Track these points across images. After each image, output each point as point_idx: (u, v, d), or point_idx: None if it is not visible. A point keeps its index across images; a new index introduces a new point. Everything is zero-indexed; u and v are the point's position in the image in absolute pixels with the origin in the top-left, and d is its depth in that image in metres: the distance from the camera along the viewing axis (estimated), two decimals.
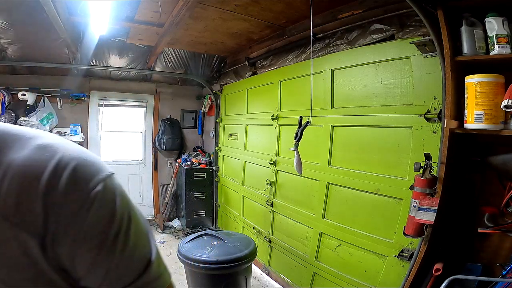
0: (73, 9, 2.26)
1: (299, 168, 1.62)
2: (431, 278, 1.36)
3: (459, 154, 1.40)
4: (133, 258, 0.45)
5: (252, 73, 3.15)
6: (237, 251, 2.12)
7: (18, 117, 3.42)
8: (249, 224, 3.17)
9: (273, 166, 2.75)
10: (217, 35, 2.87)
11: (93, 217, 0.42)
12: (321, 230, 2.22)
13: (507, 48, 1.20)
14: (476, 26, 1.28)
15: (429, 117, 1.55)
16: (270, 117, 2.77)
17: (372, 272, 1.86)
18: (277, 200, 2.73)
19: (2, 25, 2.49)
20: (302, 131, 1.65)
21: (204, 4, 2.15)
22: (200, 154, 4.32)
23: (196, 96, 4.53)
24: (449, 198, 1.38)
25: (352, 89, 2.04)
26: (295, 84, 2.56)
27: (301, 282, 2.41)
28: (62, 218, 0.41)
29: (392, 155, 1.77)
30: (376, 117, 1.86)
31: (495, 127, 1.20)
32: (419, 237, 1.41)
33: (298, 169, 1.61)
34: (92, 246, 0.42)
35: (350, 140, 2.05)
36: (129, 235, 0.44)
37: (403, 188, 1.66)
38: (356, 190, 1.97)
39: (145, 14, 2.37)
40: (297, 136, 1.64)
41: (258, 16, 2.36)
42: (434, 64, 1.53)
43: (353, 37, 1.99)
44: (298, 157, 1.63)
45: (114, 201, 0.44)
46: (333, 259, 2.14)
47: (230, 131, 3.69)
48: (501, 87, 1.20)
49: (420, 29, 1.60)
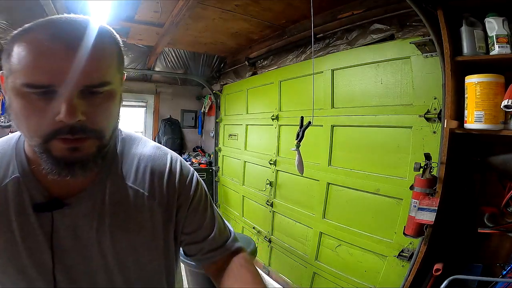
0: (73, 9, 2.26)
1: (301, 168, 1.63)
2: (431, 278, 1.36)
3: (459, 154, 1.40)
4: (215, 216, 0.73)
5: (252, 73, 3.15)
6: None
7: None
8: (249, 224, 3.17)
9: (273, 166, 2.75)
10: (217, 35, 2.87)
11: (198, 194, 0.68)
12: (321, 230, 2.22)
13: (507, 48, 1.20)
14: (476, 26, 1.28)
15: (429, 117, 1.55)
16: (270, 117, 2.77)
17: (372, 272, 1.86)
18: (277, 200, 2.73)
19: (2, 25, 2.49)
20: (303, 131, 1.65)
21: (204, 4, 2.15)
22: (200, 154, 4.32)
23: (196, 96, 4.53)
24: (449, 198, 1.38)
25: (352, 89, 2.04)
26: (295, 84, 2.56)
27: (301, 282, 2.41)
28: (182, 196, 0.65)
29: (392, 155, 1.77)
30: (376, 117, 1.86)
31: (495, 127, 1.20)
32: (419, 237, 1.41)
33: (299, 169, 1.62)
34: (200, 212, 0.68)
35: (350, 140, 2.05)
36: (212, 204, 0.73)
37: (403, 188, 1.66)
38: (356, 190, 1.96)
39: (145, 14, 2.37)
40: (298, 136, 1.64)
41: (258, 16, 2.36)
42: (434, 64, 1.53)
43: (353, 37, 1.99)
44: (300, 157, 1.64)
45: (203, 185, 0.72)
46: (333, 259, 2.14)
47: (230, 131, 3.69)
48: (501, 87, 1.20)
49: (420, 29, 1.60)
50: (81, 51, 0.45)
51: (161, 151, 0.67)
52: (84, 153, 0.49)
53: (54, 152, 0.48)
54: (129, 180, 0.60)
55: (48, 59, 0.44)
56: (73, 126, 0.46)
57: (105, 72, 0.48)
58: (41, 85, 0.44)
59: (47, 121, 0.46)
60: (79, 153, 0.49)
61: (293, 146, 1.69)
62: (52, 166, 0.48)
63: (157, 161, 0.64)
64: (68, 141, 0.47)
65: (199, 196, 0.68)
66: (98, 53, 0.47)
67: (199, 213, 0.68)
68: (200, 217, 0.68)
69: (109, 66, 0.50)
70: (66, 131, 0.46)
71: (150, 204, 0.60)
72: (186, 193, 0.65)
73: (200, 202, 0.68)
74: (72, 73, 0.44)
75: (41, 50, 0.44)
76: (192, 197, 0.66)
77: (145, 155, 0.64)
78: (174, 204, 0.64)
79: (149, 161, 0.64)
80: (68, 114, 0.45)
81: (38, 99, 0.45)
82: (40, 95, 0.45)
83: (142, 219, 0.60)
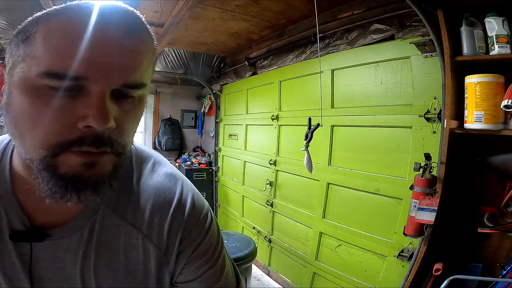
0: None
1: (310, 167, 1.68)
2: (431, 278, 1.36)
3: (459, 154, 1.40)
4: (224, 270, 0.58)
5: (252, 73, 3.15)
6: (237, 251, 2.12)
7: None
8: (249, 224, 3.17)
9: (273, 166, 2.75)
10: (217, 35, 2.87)
11: (207, 240, 0.55)
12: (321, 230, 2.22)
13: (507, 48, 1.20)
14: (476, 26, 1.28)
15: (429, 117, 1.55)
16: (270, 117, 2.77)
17: (372, 272, 1.86)
18: (277, 200, 2.73)
19: (2, 25, 2.49)
20: (312, 132, 1.69)
21: (204, 4, 2.15)
22: (200, 154, 4.32)
23: (196, 96, 4.53)
24: (449, 198, 1.38)
25: (352, 89, 2.04)
26: (295, 84, 2.56)
27: (301, 282, 2.41)
28: (186, 240, 0.53)
29: (392, 155, 1.77)
30: (376, 117, 1.86)
31: (495, 127, 1.20)
32: (419, 237, 1.41)
33: (308, 168, 1.69)
34: (204, 261, 0.55)
35: (350, 140, 2.05)
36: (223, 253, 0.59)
37: (403, 188, 1.66)
38: (356, 190, 1.97)
39: (145, 14, 2.34)
40: (307, 137, 1.70)
41: (258, 16, 2.36)
42: (434, 64, 1.53)
43: (353, 37, 1.99)
44: (309, 157, 1.68)
45: (218, 229, 0.59)
46: (333, 259, 2.14)
47: (230, 131, 3.69)
48: (501, 87, 1.20)
49: (420, 29, 1.60)
50: (126, 42, 0.36)
51: (170, 181, 0.55)
52: (100, 171, 0.39)
53: (62, 168, 0.37)
54: (124, 214, 0.50)
55: (84, 45, 0.34)
56: (99, 135, 0.37)
57: (143, 72, 0.39)
58: (69, 76, 0.34)
59: (65, 126, 0.36)
60: (95, 170, 0.39)
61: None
62: (55, 188, 0.38)
63: (162, 195, 0.53)
64: (87, 155, 0.37)
65: (208, 242, 0.55)
66: (143, 47, 0.39)
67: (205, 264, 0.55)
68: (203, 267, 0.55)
69: (148, 66, 0.40)
70: (90, 141, 0.36)
71: (144, 246, 0.51)
72: (193, 237, 0.54)
73: (209, 250, 0.55)
74: (112, 67, 0.36)
75: (78, 34, 0.34)
76: (199, 243, 0.54)
77: (150, 185, 0.53)
78: (175, 249, 0.53)
79: (153, 194, 0.52)
80: (101, 118, 0.35)
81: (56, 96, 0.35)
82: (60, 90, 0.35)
83: (133, 262, 0.50)
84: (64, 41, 0.34)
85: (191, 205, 0.54)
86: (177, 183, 0.55)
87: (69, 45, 0.34)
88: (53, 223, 0.46)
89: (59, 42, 0.34)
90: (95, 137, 0.37)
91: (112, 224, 0.49)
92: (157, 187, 0.53)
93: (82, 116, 0.36)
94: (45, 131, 0.36)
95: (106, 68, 0.35)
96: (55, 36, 0.35)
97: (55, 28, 0.35)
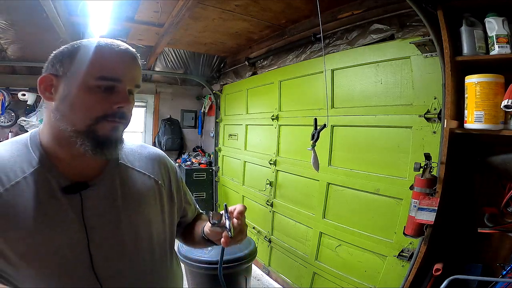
0: (73, 9, 2.26)
1: (316, 166, 1.71)
2: (431, 278, 1.36)
3: (459, 154, 1.40)
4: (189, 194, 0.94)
5: (252, 73, 3.15)
6: (237, 251, 2.12)
7: (18, 117, 3.42)
8: (249, 224, 3.17)
9: (273, 166, 2.75)
10: (217, 35, 2.87)
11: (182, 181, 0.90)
12: (321, 230, 2.22)
13: (507, 48, 1.20)
14: (476, 26, 1.28)
15: (429, 117, 1.55)
16: (270, 117, 2.77)
17: (372, 272, 1.86)
18: (277, 200, 2.73)
19: (2, 25, 2.49)
20: (319, 132, 1.71)
21: (204, 4, 2.15)
22: (200, 154, 4.31)
23: (196, 96, 4.52)
24: (449, 198, 1.38)
25: (352, 89, 2.04)
26: (295, 84, 2.56)
27: (301, 282, 2.41)
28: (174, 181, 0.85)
29: (392, 155, 1.77)
30: (376, 117, 1.86)
31: (495, 127, 1.20)
32: (419, 237, 1.41)
33: (315, 167, 1.72)
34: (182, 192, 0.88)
35: (350, 140, 2.05)
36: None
37: (403, 188, 1.66)
38: (356, 190, 1.97)
39: (145, 14, 2.37)
40: (313, 137, 1.73)
41: (258, 16, 2.36)
42: (434, 64, 1.53)
43: (353, 37, 1.99)
44: (315, 156, 1.69)
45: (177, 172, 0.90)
46: (333, 259, 2.14)
47: (230, 131, 3.69)
48: (501, 87, 1.20)
49: (420, 29, 1.60)
50: (135, 62, 0.67)
51: (150, 147, 0.86)
52: (118, 134, 0.66)
53: (100, 131, 0.62)
54: (134, 166, 0.76)
55: (119, 63, 0.64)
56: (122, 112, 0.64)
57: (140, 79, 0.69)
58: (112, 78, 0.62)
59: (105, 107, 0.62)
60: (117, 133, 0.65)
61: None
62: (93, 146, 0.62)
63: (153, 153, 0.84)
64: (115, 123, 0.64)
65: (181, 181, 0.90)
66: (140, 65, 0.69)
67: (187, 194, 0.91)
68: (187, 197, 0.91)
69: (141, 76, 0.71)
70: (118, 115, 0.64)
71: (156, 184, 0.77)
72: (178, 179, 0.87)
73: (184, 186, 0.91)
74: (132, 75, 0.66)
75: (116, 57, 0.64)
76: (180, 182, 0.88)
77: (152, 151, 0.84)
78: (173, 186, 0.83)
79: (146, 152, 0.82)
80: (127, 101, 0.64)
81: (101, 91, 0.62)
82: (104, 88, 0.62)
83: (151, 198, 0.75)
84: (108, 60, 0.63)
85: (169, 160, 0.88)
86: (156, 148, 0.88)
87: (112, 62, 0.64)
88: (88, 179, 0.66)
89: (106, 60, 0.63)
90: (121, 113, 0.64)
91: (130, 173, 0.74)
92: (146, 149, 0.84)
93: (116, 101, 0.63)
94: (94, 110, 0.62)
95: (127, 76, 0.65)
96: (102, 57, 0.63)
97: (100, 53, 0.63)
